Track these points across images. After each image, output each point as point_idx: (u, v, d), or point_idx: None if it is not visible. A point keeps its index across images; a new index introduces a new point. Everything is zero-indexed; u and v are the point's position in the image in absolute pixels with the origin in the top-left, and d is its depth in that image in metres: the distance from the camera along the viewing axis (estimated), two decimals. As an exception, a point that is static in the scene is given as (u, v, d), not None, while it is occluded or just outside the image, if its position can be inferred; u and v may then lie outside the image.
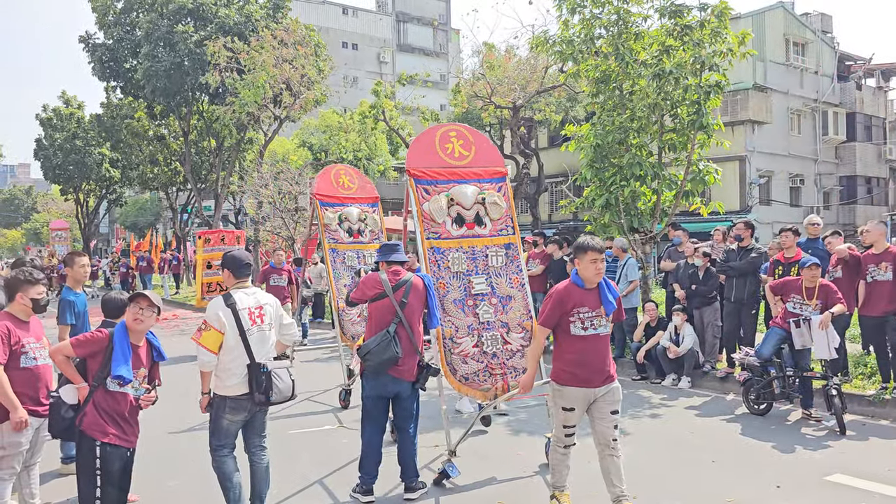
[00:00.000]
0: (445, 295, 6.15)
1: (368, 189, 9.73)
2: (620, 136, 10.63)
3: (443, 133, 6.72)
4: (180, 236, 34.63)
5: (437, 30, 65.08)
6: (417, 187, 6.40)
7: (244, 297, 4.83)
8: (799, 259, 8.12)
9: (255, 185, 20.93)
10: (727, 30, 10.26)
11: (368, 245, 9.30)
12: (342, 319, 8.91)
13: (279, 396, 4.74)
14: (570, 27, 11.20)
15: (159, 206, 53.08)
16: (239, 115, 21.98)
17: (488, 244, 6.49)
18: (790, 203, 31.88)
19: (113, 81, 29.48)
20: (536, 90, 17.03)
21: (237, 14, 25.22)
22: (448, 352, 6.05)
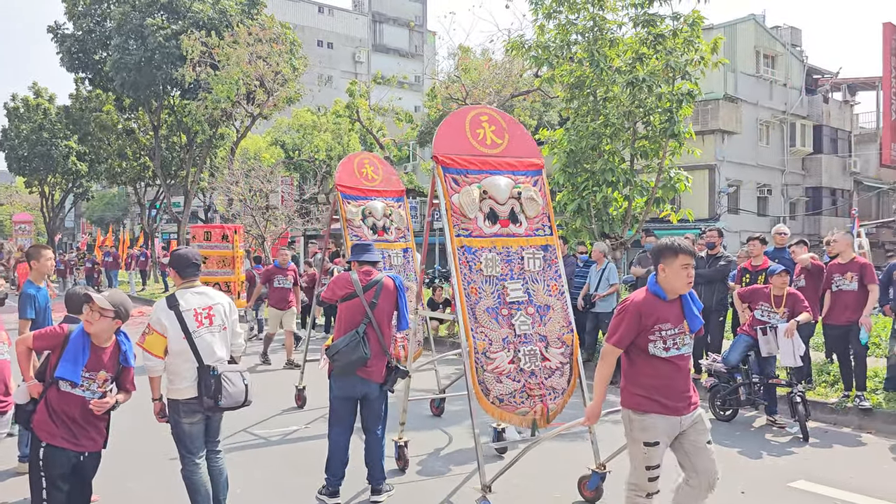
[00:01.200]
0: (477, 302, 5.38)
1: (394, 181, 8.78)
2: (593, 142, 10.70)
3: (474, 116, 5.93)
4: (148, 232, 34.12)
5: (413, 31, 65.04)
6: (446, 176, 5.58)
7: (191, 298, 4.66)
8: (766, 267, 8.23)
9: (225, 182, 20.69)
10: (700, 38, 10.39)
11: (394, 244, 8.32)
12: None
13: (229, 401, 4.56)
14: (545, 32, 11.24)
15: (127, 202, 52.30)
16: (211, 110, 21.73)
17: (524, 245, 5.70)
18: (758, 212, 32.40)
19: (82, 73, 28.97)
20: (511, 94, 17.08)
21: (211, 9, 24.94)
22: (480, 368, 5.26)
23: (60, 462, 4.17)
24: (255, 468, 6.29)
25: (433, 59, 29.13)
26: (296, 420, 7.99)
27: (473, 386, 5.20)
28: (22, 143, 38.45)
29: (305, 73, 24.53)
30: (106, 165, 35.80)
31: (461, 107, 17.96)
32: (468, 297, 5.34)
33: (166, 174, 30.76)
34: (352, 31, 64.45)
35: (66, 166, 39.10)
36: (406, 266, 8.33)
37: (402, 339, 7.27)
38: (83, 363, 4.18)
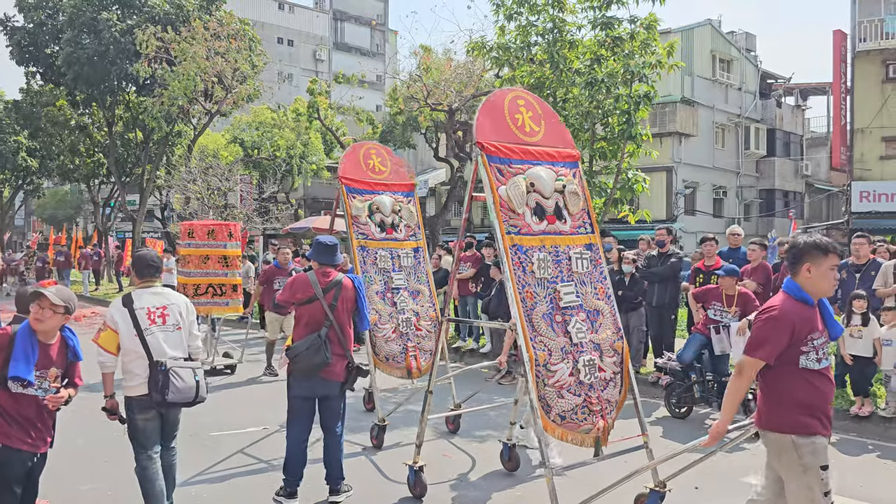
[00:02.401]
0: (533, 308, 4.83)
1: (402, 174, 8.13)
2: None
3: (511, 99, 5.34)
4: (102, 231, 33.36)
5: (374, 30, 64.82)
6: (491, 166, 5.01)
7: (147, 297, 4.79)
8: (719, 267, 8.40)
9: (182, 181, 20.36)
10: (656, 41, 10.56)
11: (404, 242, 7.64)
12: (374, 336, 7.13)
13: (177, 396, 4.62)
14: (506, 33, 11.31)
15: (80, 199, 51.04)
16: (168, 107, 21.35)
17: (570, 244, 5.20)
18: (713, 214, 33.06)
19: (33, 67, 28.19)
20: (472, 94, 17.13)
21: (168, 4, 24.49)
22: (541, 382, 4.71)
23: (17, 464, 4.11)
24: (211, 465, 6.20)
25: (395, 59, 29.07)
26: (255, 421, 7.88)
27: (536, 404, 4.67)
28: (-31, 139, 37.24)
29: (265, 70, 24.28)
30: (58, 162, 34.85)
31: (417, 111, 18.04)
32: (524, 302, 4.81)
33: (121, 172, 30.11)
34: (312, 28, 63.92)
35: (15, 162, 37.97)
36: (417, 267, 7.67)
37: (415, 348, 7.20)
38: (34, 362, 4.12)
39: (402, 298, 7.39)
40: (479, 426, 7.65)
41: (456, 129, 16.82)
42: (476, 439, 7.25)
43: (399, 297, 7.37)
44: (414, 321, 7.40)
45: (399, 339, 7.24)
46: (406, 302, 7.41)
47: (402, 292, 7.41)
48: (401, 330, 7.26)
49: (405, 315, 7.34)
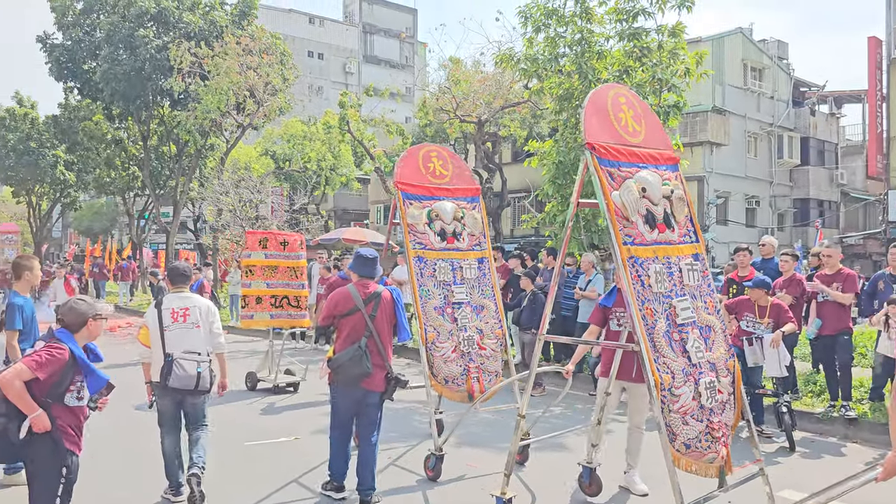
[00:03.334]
0: (654, 326, 4.47)
1: (466, 177, 7.39)
2: (582, 154, 10.75)
3: (613, 97, 4.97)
4: (137, 243, 33.97)
5: (403, 42, 65.33)
6: (602, 169, 4.61)
7: (175, 300, 5.66)
8: (752, 278, 8.29)
9: (215, 193, 20.67)
10: (684, 49, 10.52)
11: (467, 253, 6.97)
12: (432, 356, 6.47)
13: (177, 383, 5.35)
14: (534, 45, 11.35)
15: (115, 212, 52.03)
16: (201, 121, 21.73)
17: (679, 254, 4.79)
18: (746, 223, 32.64)
19: (71, 82, 28.91)
20: (501, 106, 17.17)
21: (202, 20, 24.97)
22: (667, 409, 4.38)
23: (77, 469, 4.27)
24: (249, 475, 6.27)
25: (424, 71, 29.26)
26: (285, 430, 7.96)
27: (663, 433, 4.32)
28: (9, 153, 38.24)
29: (296, 83, 24.58)
30: (94, 175, 35.63)
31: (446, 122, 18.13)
32: (644, 320, 4.41)
33: (155, 184, 30.67)
34: (342, 41, 64.67)
35: (53, 176, 38.89)
36: (482, 280, 7.00)
37: (478, 369, 6.58)
38: None
39: (464, 314, 6.71)
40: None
41: (485, 141, 16.88)
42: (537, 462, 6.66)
43: (461, 312, 6.69)
44: (477, 339, 6.69)
45: (460, 360, 6.55)
46: (468, 318, 6.72)
47: (465, 307, 6.73)
48: (462, 349, 6.57)
49: (467, 333, 6.65)
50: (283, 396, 9.88)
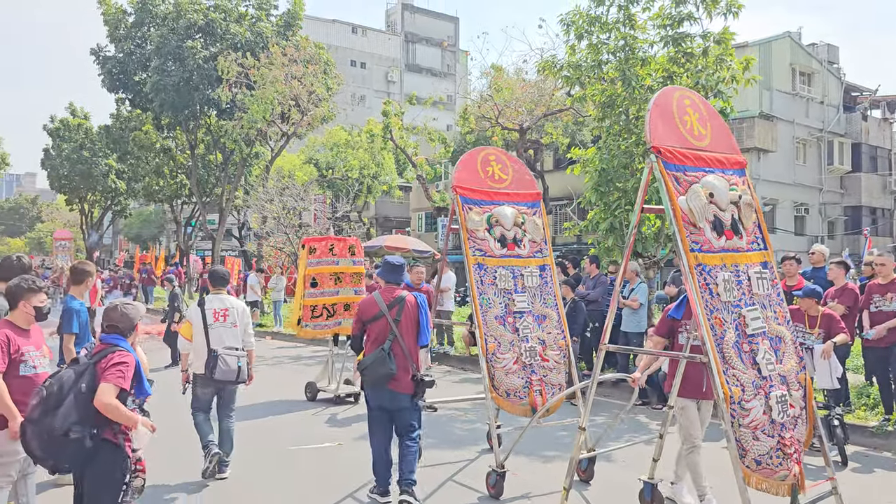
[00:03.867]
0: (723, 336, 4.30)
1: (527, 182, 7.08)
2: (626, 161, 10.67)
3: (679, 99, 4.83)
4: (184, 249, 34.69)
5: (445, 50, 65.64)
6: (668, 173, 4.47)
7: (215, 301, 6.45)
8: (801, 287, 8.09)
9: (260, 200, 21.02)
10: (731, 56, 10.36)
11: (529, 259, 6.69)
12: (492, 368, 6.21)
13: (221, 376, 6.17)
14: (577, 52, 11.30)
15: (163, 219, 53.23)
16: (247, 130, 22.14)
17: (748, 262, 4.64)
18: (794, 232, 31.90)
19: (122, 93, 29.73)
20: (543, 113, 17.12)
21: (248, 32, 25.48)
22: (736, 423, 4.22)
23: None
24: (291, 480, 6.34)
25: (465, 79, 29.34)
26: (329, 436, 8.02)
27: (733, 448, 4.17)
28: (63, 163, 39.50)
29: (339, 92, 24.88)
30: (144, 183, 36.54)
31: (489, 130, 18.11)
32: (713, 329, 4.26)
33: (202, 192, 31.31)
34: (385, 50, 65.29)
35: (105, 184, 40.05)
36: (544, 288, 6.72)
37: (540, 382, 6.33)
38: None
39: (526, 324, 6.43)
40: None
41: (527, 148, 16.84)
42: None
43: (522, 322, 6.42)
44: (539, 350, 6.42)
45: (522, 372, 6.27)
46: (530, 328, 6.43)
47: (526, 317, 6.45)
48: (524, 360, 6.29)
49: (529, 343, 6.37)
50: (345, 407, 9.61)
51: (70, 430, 3.82)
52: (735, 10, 10.19)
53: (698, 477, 5.37)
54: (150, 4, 27.05)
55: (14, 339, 4.59)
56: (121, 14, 27.88)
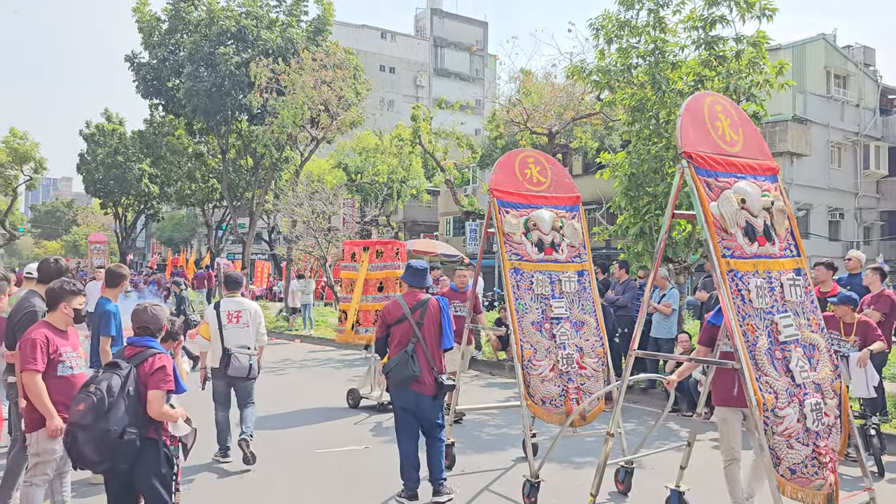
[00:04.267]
0: (755, 343, 4.28)
1: (566, 185, 6.92)
2: (656, 165, 10.59)
3: (710, 104, 4.85)
4: (214, 253, 35.12)
5: (474, 55, 65.69)
6: (699, 179, 4.50)
7: (229, 303, 7.03)
8: (835, 294, 7.95)
9: (289, 204, 21.19)
10: (765, 60, 10.23)
11: (566, 265, 6.54)
12: (528, 375, 6.06)
13: (234, 371, 6.74)
14: (606, 56, 11.25)
15: (195, 223, 53.97)
16: (277, 135, 22.37)
17: (780, 268, 4.62)
18: (829, 237, 31.34)
19: (155, 99, 30.22)
20: (572, 117, 17.05)
21: (280, 38, 25.76)
22: (770, 431, 4.17)
23: None
24: (317, 482, 6.39)
25: (494, 83, 29.34)
26: (354, 439, 8.06)
27: (767, 457, 4.13)
28: (98, 167, 40.28)
29: (368, 97, 25.02)
30: (176, 188, 37.13)
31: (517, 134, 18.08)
32: (745, 336, 4.26)
33: (233, 196, 31.69)
34: (413, 55, 65.56)
35: (138, 188, 40.75)
36: (582, 294, 6.57)
37: (577, 390, 6.15)
38: None
39: (563, 330, 6.28)
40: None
41: (556, 153, 16.76)
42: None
43: (559, 328, 6.26)
44: (577, 358, 6.27)
45: (558, 379, 6.13)
46: (568, 335, 6.29)
47: (564, 323, 6.31)
48: (560, 368, 6.15)
49: (566, 350, 6.22)
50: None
51: (125, 433, 3.97)
52: (769, 14, 10.06)
53: (735, 489, 5.27)
54: (184, 12, 27.49)
55: (53, 339, 4.69)
56: (155, 21, 28.36)
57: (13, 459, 5.23)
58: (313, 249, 20.72)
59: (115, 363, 4.15)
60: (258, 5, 26.92)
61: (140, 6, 28.41)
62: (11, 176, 37.34)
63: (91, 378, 4.11)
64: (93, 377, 4.11)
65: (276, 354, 15.31)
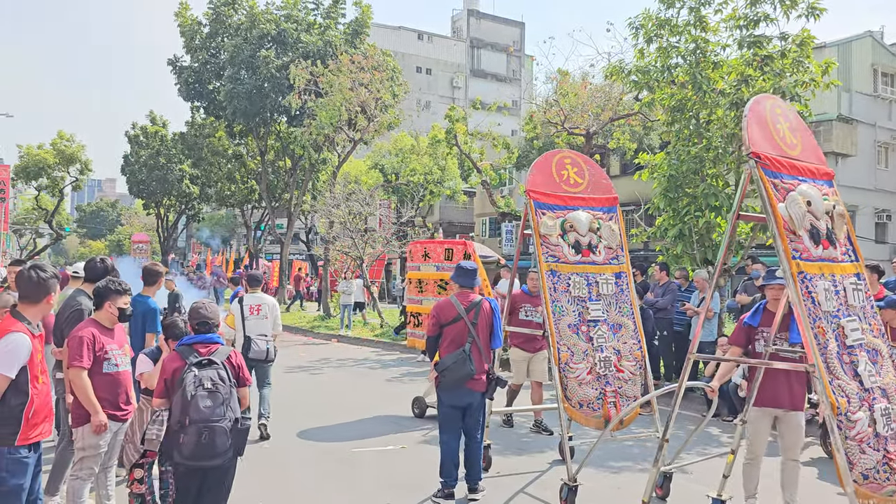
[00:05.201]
0: (826, 346, 4.28)
1: (604, 186, 6.84)
2: (696, 166, 10.44)
3: (771, 108, 4.87)
4: (253, 252, 35.60)
5: (510, 56, 65.51)
6: (767, 180, 4.51)
7: (251, 299, 8.14)
8: (882, 297, 7.74)
9: (327, 205, 21.38)
10: (810, 59, 10.02)
11: (604, 266, 6.47)
12: (565, 378, 5.97)
13: (254, 355, 7.77)
14: (645, 56, 11.13)
15: (234, 223, 54.78)
16: (315, 136, 22.60)
17: (843, 272, 4.62)
18: (875, 239, 30.54)
19: (197, 102, 30.77)
20: (610, 118, 16.90)
21: (319, 40, 26.02)
22: (843, 435, 4.15)
23: None
24: (353, 481, 6.43)
25: (531, 84, 29.22)
26: (392, 440, 8.11)
27: (842, 461, 4.08)
28: (141, 168, 41.13)
29: (404, 99, 25.13)
30: (216, 188, 37.73)
31: (554, 135, 17.95)
32: (816, 339, 4.22)
33: (271, 197, 32.09)
34: (450, 56, 65.61)
35: (180, 189, 41.51)
36: (620, 296, 6.47)
37: (615, 394, 6.08)
38: None
39: (601, 333, 6.22)
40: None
41: (593, 153, 16.64)
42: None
43: (597, 331, 6.21)
44: (614, 361, 6.19)
45: (596, 382, 6.06)
46: (605, 337, 6.23)
47: (601, 325, 6.25)
48: (598, 371, 6.08)
49: (604, 353, 6.16)
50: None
51: (243, 419, 4.26)
52: (817, 13, 9.86)
53: (750, 484, 5.40)
54: (224, 16, 27.94)
55: (99, 337, 4.81)
56: (196, 25, 28.88)
57: (61, 454, 5.37)
58: (350, 250, 20.87)
59: (208, 360, 4.22)
60: (297, 8, 27.23)
61: (182, 10, 28.97)
62: (58, 177, 38.32)
63: (195, 377, 4.11)
64: (192, 374, 4.12)
65: (314, 354, 15.46)
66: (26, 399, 3.82)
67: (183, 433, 4.00)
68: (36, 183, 38.23)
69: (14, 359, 3.73)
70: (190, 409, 4.01)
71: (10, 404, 3.77)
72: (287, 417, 8.68)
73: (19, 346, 3.76)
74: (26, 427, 3.83)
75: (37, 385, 3.87)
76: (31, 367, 3.83)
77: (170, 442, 4.10)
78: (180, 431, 4.01)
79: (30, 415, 3.84)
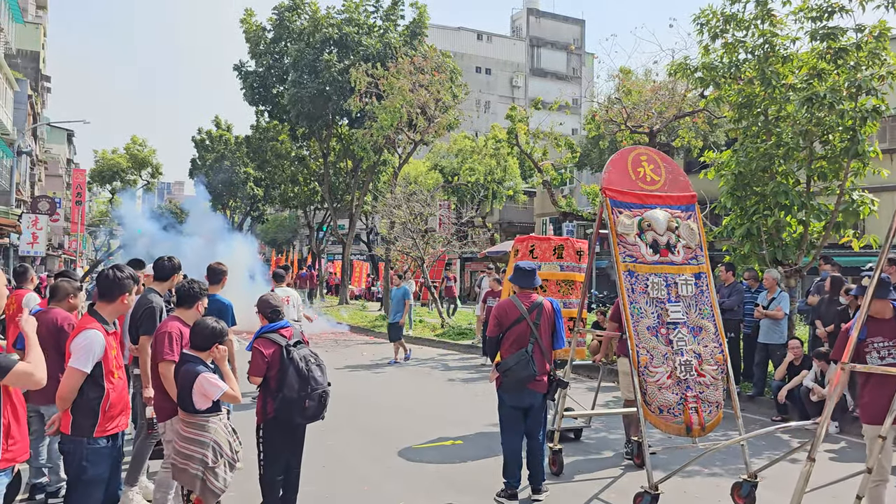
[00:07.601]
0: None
1: (682, 184, 6.68)
2: (765, 164, 10.17)
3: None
4: (316, 253, 36.23)
5: (571, 54, 64.94)
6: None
7: (281, 292, 9.96)
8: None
9: (387, 206, 21.59)
10: (887, 51, 9.64)
11: (683, 267, 6.28)
12: (644, 382, 5.80)
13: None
14: (711, 52, 10.89)
15: (297, 224, 55.85)
16: (376, 138, 22.87)
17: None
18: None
19: (261, 106, 31.51)
20: (674, 115, 16.58)
21: (379, 43, 26.32)
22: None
23: None
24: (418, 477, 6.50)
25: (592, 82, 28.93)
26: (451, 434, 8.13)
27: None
28: (207, 171, 42.37)
29: (464, 99, 25.19)
30: (280, 190, 38.54)
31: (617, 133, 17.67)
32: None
33: (333, 198, 32.59)
34: (509, 56, 65.43)
35: (245, 191, 42.59)
36: (700, 298, 6.27)
37: (696, 399, 5.89)
38: None
39: (681, 336, 6.04)
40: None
41: (656, 152, 16.35)
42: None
43: (676, 334, 6.02)
44: (695, 365, 5.99)
45: (676, 387, 5.87)
46: (685, 340, 6.05)
47: (681, 328, 6.07)
48: (678, 375, 5.90)
49: (684, 357, 5.97)
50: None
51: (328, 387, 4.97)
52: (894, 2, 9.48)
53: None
54: (288, 21, 28.53)
55: (184, 332, 5.02)
56: (260, 31, 29.58)
57: (139, 447, 5.59)
58: (411, 250, 21.04)
59: (298, 341, 5.01)
60: (358, 11, 27.61)
61: (247, 17, 29.71)
62: (131, 180, 39.79)
63: (301, 356, 4.87)
64: (300, 355, 4.87)
65: (376, 353, 15.64)
66: (102, 392, 3.99)
67: (308, 399, 4.75)
68: (110, 186, 39.77)
69: (89, 354, 3.91)
70: (310, 380, 4.77)
71: (88, 397, 3.95)
72: (347, 413, 8.80)
73: (93, 343, 3.93)
74: (103, 419, 4.00)
75: (112, 380, 4.05)
76: (105, 363, 4.01)
77: (287, 409, 4.72)
78: (305, 398, 4.75)
79: (106, 408, 4.01)
